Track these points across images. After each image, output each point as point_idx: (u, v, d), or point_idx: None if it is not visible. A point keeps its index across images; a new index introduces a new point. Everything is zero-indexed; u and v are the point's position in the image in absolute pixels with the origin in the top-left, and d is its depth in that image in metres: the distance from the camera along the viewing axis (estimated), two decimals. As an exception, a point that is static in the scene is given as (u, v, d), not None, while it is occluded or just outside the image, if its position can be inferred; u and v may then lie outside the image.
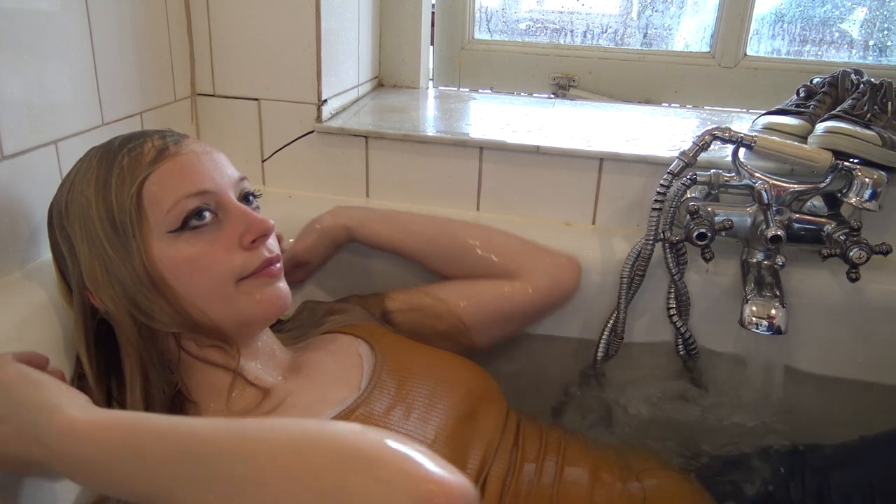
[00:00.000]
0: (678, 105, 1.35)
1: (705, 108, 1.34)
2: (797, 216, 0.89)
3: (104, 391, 0.66)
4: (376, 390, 0.67)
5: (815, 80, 1.01)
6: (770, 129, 0.99)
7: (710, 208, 0.90)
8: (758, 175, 0.88)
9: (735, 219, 0.89)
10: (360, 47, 1.23)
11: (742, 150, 0.89)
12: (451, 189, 1.05)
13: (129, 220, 0.61)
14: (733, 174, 0.90)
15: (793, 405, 0.92)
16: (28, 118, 0.74)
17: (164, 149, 0.64)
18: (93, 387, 0.65)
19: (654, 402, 0.91)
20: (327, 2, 1.02)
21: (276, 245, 0.68)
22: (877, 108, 0.90)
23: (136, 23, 0.91)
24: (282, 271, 0.68)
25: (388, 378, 0.69)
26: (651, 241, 0.89)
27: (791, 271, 0.91)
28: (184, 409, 0.66)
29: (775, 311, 0.85)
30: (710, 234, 0.86)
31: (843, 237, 0.86)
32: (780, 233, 0.84)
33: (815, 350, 0.95)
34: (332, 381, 0.69)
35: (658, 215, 0.88)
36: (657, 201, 0.88)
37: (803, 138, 0.94)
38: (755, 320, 0.85)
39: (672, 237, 0.89)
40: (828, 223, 0.89)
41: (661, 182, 0.88)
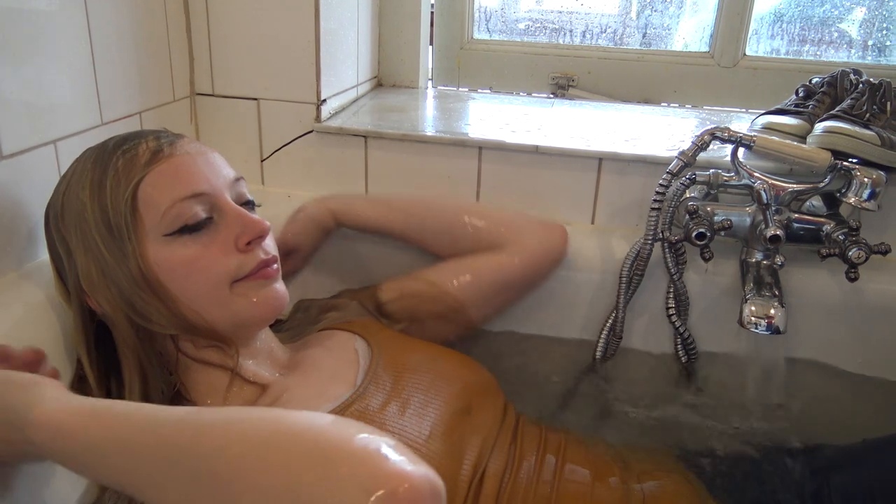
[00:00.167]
0: (677, 105, 1.35)
1: (704, 107, 1.34)
2: (796, 216, 0.89)
3: (104, 392, 0.66)
4: (372, 386, 0.67)
5: (814, 80, 1.01)
6: (769, 128, 0.99)
7: (709, 208, 0.90)
8: (757, 175, 0.88)
9: (734, 218, 0.89)
10: (359, 47, 1.23)
11: (741, 150, 0.89)
12: (451, 189, 1.05)
13: (124, 223, 0.61)
14: (732, 174, 0.90)
15: (791, 404, 0.92)
16: (27, 118, 0.74)
17: (159, 150, 0.64)
18: (94, 388, 0.65)
19: (652, 402, 0.91)
20: (326, 2, 1.02)
21: (273, 246, 0.68)
22: (876, 107, 0.90)
23: (135, 22, 0.91)
24: (278, 272, 0.67)
25: (384, 374, 0.69)
26: (650, 240, 0.89)
27: (790, 271, 0.91)
28: None
29: (774, 310, 0.85)
30: (709, 233, 0.86)
31: (841, 237, 0.87)
32: (779, 232, 0.84)
33: (815, 349, 0.95)
34: (328, 377, 0.69)
35: (657, 215, 0.88)
36: (656, 201, 0.88)
37: (802, 138, 0.94)
38: (754, 320, 0.85)
39: (671, 237, 0.89)
40: (827, 223, 0.89)
41: (661, 182, 0.88)
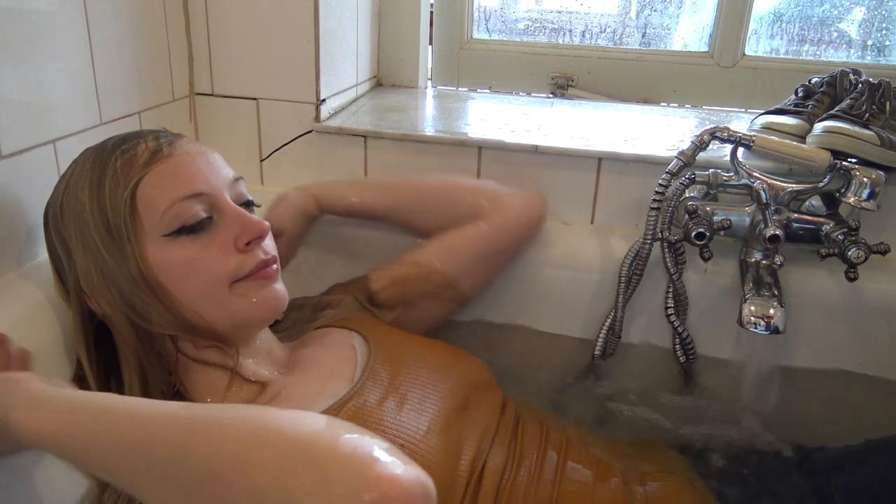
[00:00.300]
0: (677, 105, 1.35)
1: (704, 107, 1.33)
2: (795, 216, 0.89)
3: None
4: (369, 381, 0.67)
5: (813, 80, 1.01)
6: (768, 128, 0.99)
7: (708, 208, 0.90)
8: (756, 175, 0.88)
9: (733, 218, 0.89)
10: (358, 47, 1.23)
11: (741, 150, 0.89)
12: (450, 188, 1.05)
13: (124, 223, 0.61)
14: (732, 174, 0.90)
15: (791, 405, 0.92)
16: (26, 117, 0.74)
17: (158, 150, 0.63)
18: (94, 388, 0.65)
19: (651, 402, 0.91)
20: (326, 1, 1.02)
21: (273, 247, 0.68)
22: (875, 107, 0.90)
23: (135, 22, 0.91)
24: (278, 272, 0.67)
25: (382, 369, 0.69)
26: (649, 240, 0.89)
27: (789, 271, 0.91)
28: None
29: (774, 310, 0.85)
30: (708, 233, 0.86)
31: (841, 237, 0.87)
32: (778, 232, 0.84)
33: (814, 349, 0.95)
34: (326, 374, 0.69)
35: (656, 215, 0.88)
36: (656, 201, 0.88)
37: (802, 138, 0.94)
38: (754, 320, 0.85)
39: (670, 237, 0.89)
40: (826, 223, 0.89)
41: (660, 181, 0.88)
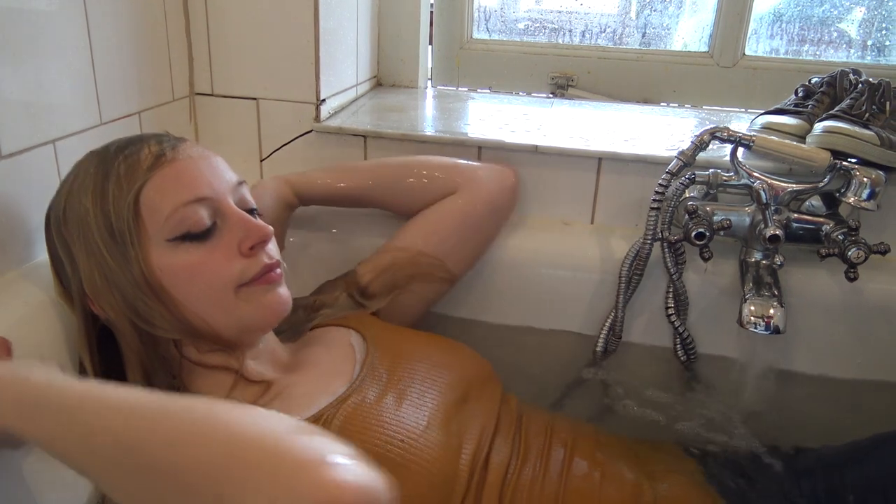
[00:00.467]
0: (677, 105, 1.35)
1: (704, 107, 1.33)
2: (795, 216, 0.89)
3: None
4: (368, 378, 0.67)
5: (813, 80, 1.01)
6: (768, 128, 0.99)
7: (708, 208, 0.90)
8: (756, 174, 0.88)
9: (733, 218, 0.89)
10: (358, 47, 1.23)
11: (740, 150, 0.89)
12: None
13: (127, 228, 0.61)
14: (732, 174, 0.90)
15: (790, 404, 0.92)
16: (26, 117, 0.74)
17: (161, 154, 0.63)
18: None
19: (653, 402, 0.91)
20: (326, 1, 1.02)
21: (276, 251, 0.68)
22: (875, 107, 0.90)
23: (134, 22, 0.91)
24: (282, 277, 0.67)
25: (380, 366, 0.69)
26: (649, 240, 0.89)
27: (789, 271, 0.91)
28: None
29: (773, 310, 0.85)
30: (708, 233, 0.86)
31: (841, 237, 0.87)
32: (778, 232, 0.84)
33: (814, 349, 0.95)
34: (326, 372, 0.69)
35: (656, 215, 0.88)
36: (656, 201, 0.88)
37: (802, 138, 0.94)
38: (753, 320, 0.85)
39: (670, 237, 0.89)
40: (826, 223, 0.89)
41: (660, 181, 0.88)
